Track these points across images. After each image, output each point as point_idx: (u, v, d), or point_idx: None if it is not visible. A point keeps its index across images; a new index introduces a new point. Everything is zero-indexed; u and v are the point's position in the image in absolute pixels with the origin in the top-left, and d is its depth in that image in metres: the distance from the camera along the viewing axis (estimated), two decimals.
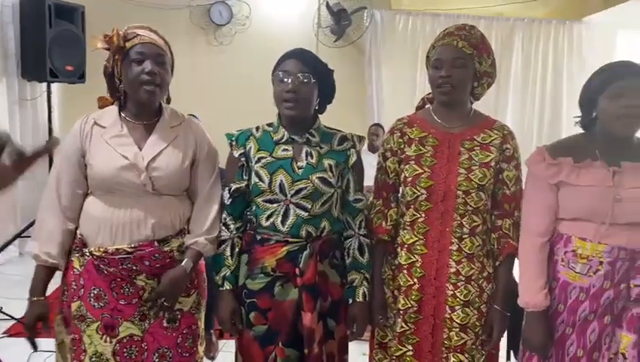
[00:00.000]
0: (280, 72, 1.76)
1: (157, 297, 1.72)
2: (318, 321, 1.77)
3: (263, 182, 1.76)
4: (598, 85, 1.65)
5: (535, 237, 1.74)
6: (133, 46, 1.67)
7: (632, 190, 1.62)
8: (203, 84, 5.15)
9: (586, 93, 1.70)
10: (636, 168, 1.64)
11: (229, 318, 1.80)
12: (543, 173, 1.72)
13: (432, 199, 1.79)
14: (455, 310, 1.79)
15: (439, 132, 1.83)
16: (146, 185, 1.69)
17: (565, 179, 1.69)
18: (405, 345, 1.84)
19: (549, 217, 1.73)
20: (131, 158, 1.68)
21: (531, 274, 1.74)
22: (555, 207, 1.73)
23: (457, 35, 1.76)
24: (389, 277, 1.89)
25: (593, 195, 1.65)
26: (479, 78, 1.80)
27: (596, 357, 1.68)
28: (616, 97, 1.60)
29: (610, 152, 1.67)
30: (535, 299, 1.72)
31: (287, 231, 1.75)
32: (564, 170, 1.70)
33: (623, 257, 1.63)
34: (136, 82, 1.66)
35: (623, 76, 1.60)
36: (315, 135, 1.82)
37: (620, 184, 1.64)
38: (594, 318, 1.67)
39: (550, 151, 1.74)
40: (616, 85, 1.60)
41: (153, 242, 1.70)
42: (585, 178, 1.67)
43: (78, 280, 1.72)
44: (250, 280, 1.80)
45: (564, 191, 1.70)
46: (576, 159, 1.69)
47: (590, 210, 1.66)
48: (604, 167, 1.66)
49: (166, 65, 1.71)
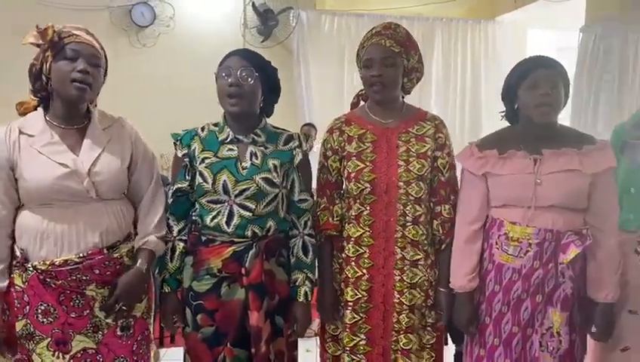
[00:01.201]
0: (223, 68, 1.76)
1: (115, 302, 1.67)
2: (266, 320, 1.78)
3: (207, 182, 1.75)
4: (516, 79, 1.78)
5: (467, 225, 1.86)
6: (69, 43, 1.61)
7: (552, 175, 1.75)
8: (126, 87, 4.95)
9: (506, 88, 1.83)
10: (556, 155, 1.77)
11: (171, 317, 1.81)
12: (472, 166, 1.85)
13: (375, 192, 1.86)
14: (403, 293, 1.87)
15: (376, 128, 1.90)
16: (89, 191, 1.63)
17: (491, 170, 1.81)
18: (358, 335, 1.89)
19: (479, 206, 1.85)
20: (71, 165, 1.62)
21: (458, 259, 1.86)
22: (484, 195, 1.84)
23: (384, 35, 1.84)
24: (336, 270, 1.94)
25: (516, 182, 1.77)
26: (408, 73, 1.89)
27: (530, 333, 1.80)
28: (533, 88, 1.73)
29: (533, 142, 1.79)
30: (462, 282, 1.84)
31: (232, 231, 1.75)
32: (489, 161, 1.82)
33: (550, 238, 1.75)
34: (67, 79, 1.59)
35: (537, 68, 1.74)
36: (261, 135, 1.82)
37: (540, 170, 1.76)
38: (527, 297, 1.79)
39: (478, 146, 1.87)
40: (532, 77, 1.73)
41: (102, 249, 1.65)
42: (508, 167, 1.79)
43: (22, 297, 1.64)
44: (196, 282, 1.78)
45: (491, 180, 1.82)
46: (500, 151, 1.82)
47: (515, 196, 1.78)
48: (525, 155, 1.79)
49: (100, 68, 1.66)
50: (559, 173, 1.74)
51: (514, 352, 1.80)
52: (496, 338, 1.83)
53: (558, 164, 1.76)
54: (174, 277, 1.81)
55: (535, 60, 1.78)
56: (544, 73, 1.73)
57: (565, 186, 1.74)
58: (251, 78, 1.74)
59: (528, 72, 1.75)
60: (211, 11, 5.40)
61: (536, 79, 1.73)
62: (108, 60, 1.73)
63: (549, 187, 1.74)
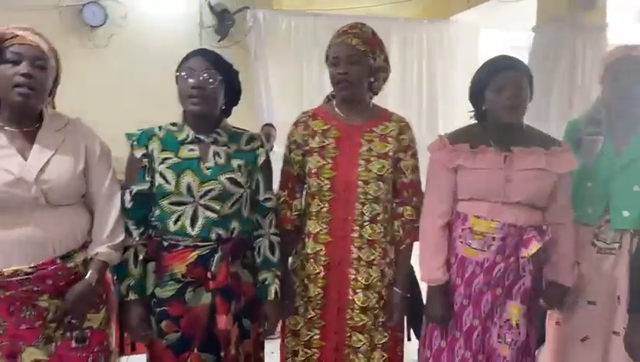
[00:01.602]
0: (184, 69, 1.72)
1: (63, 316, 1.60)
2: (234, 323, 1.76)
3: (169, 183, 1.70)
4: (482, 80, 1.81)
5: (435, 218, 1.88)
6: (11, 46, 1.53)
7: (521, 172, 1.80)
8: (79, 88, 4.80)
9: (474, 89, 1.86)
10: (525, 152, 1.81)
11: (139, 327, 1.74)
12: (443, 158, 1.87)
13: (334, 189, 1.86)
14: (357, 293, 1.88)
15: (341, 124, 1.91)
16: (38, 199, 1.55)
17: (463, 163, 1.83)
18: (312, 330, 1.91)
19: (448, 199, 1.87)
20: (16, 172, 1.53)
21: (431, 252, 1.88)
22: (453, 189, 1.87)
23: (351, 33, 1.85)
24: (299, 266, 1.94)
25: (487, 176, 1.81)
26: (375, 73, 1.90)
27: (489, 326, 1.84)
28: (500, 90, 1.76)
29: (502, 139, 1.83)
30: (434, 275, 1.86)
31: (196, 234, 1.71)
32: (461, 155, 1.84)
33: (513, 233, 1.80)
34: (9, 84, 1.51)
35: (503, 70, 1.77)
36: (223, 134, 1.79)
37: (510, 167, 1.80)
38: (487, 290, 1.83)
39: (449, 139, 1.89)
40: (499, 79, 1.76)
41: (55, 259, 1.58)
42: (480, 161, 1.82)
43: None
44: (160, 289, 1.74)
45: (461, 173, 1.85)
46: (472, 145, 1.84)
47: (484, 190, 1.81)
48: (496, 152, 1.82)
49: (46, 70, 1.57)
50: (529, 171, 1.79)
51: (474, 344, 1.84)
52: (457, 331, 1.86)
53: (528, 162, 1.80)
54: (138, 284, 1.75)
55: (501, 62, 1.81)
56: (510, 75, 1.76)
57: (534, 184, 1.79)
58: (214, 80, 1.71)
59: (495, 74, 1.77)
60: (166, 11, 5.31)
61: (503, 81, 1.76)
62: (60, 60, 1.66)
63: (518, 184, 1.78)
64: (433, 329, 1.93)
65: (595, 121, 1.98)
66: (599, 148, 1.95)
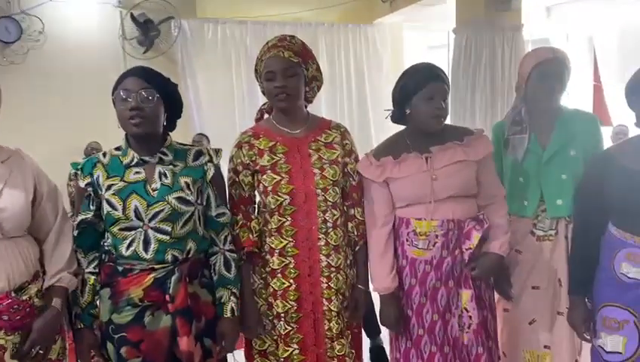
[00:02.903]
0: (121, 90, 1.67)
1: (32, 347, 1.53)
2: (196, 343, 1.73)
3: (116, 209, 1.66)
4: (411, 87, 1.87)
5: (377, 229, 1.95)
6: None
7: (443, 169, 1.89)
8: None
9: (399, 92, 1.92)
10: (443, 150, 1.91)
11: (88, 354, 1.72)
12: (372, 174, 1.94)
13: (295, 202, 1.87)
14: (332, 300, 1.90)
15: (285, 138, 1.92)
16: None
17: (390, 175, 1.91)
18: (290, 345, 1.89)
19: (386, 210, 1.95)
20: None
21: (378, 262, 1.94)
22: (388, 200, 1.95)
23: (282, 46, 1.86)
24: (260, 285, 1.93)
25: (413, 182, 1.89)
26: (309, 82, 1.93)
27: (448, 318, 1.93)
28: (429, 99, 1.84)
29: (421, 143, 1.92)
30: (384, 283, 1.93)
31: (151, 258, 1.67)
32: (387, 167, 1.92)
33: (452, 227, 1.89)
34: None
35: (432, 80, 1.85)
36: (168, 153, 1.76)
37: (432, 166, 1.89)
38: (440, 285, 1.91)
39: (374, 155, 1.97)
40: (428, 89, 1.84)
41: (9, 293, 1.51)
42: (405, 169, 1.91)
43: None
44: (117, 314, 1.69)
45: (392, 185, 1.93)
46: (395, 156, 1.92)
47: (416, 194, 1.90)
48: (417, 156, 1.91)
49: None
50: (449, 165, 1.89)
51: (438, 338, 1.92)
52: (420, 329, 1.93)
53: (447, 157, 1.90)
54: (87, 312, 1.70)
55: (430, 72, 1.88)
56: (439, 86, 1.85)
57: (457, 177, 1.89)
58: (152, 98, 1.67)
59: (425, 84, 1.84)
60: (85, 23, 5.07)
61: (433, 91, 1.84)
62: None
63: (443, 180, 1.87)
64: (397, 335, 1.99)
65: (516, 121, 2.12)
66: (525, 145, 2.09)
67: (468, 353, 1.92)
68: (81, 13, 5.07)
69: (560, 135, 2.06)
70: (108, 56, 5.05)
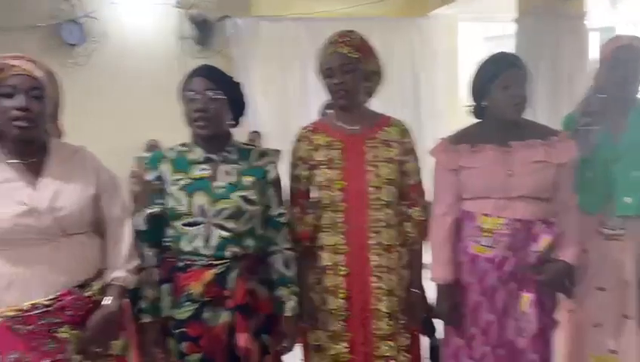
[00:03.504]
0: (187, 91, 1.71)
1: (87, 346, 1.58)
2: (254, 340, 1.75)
3: (182, 204, 1.69)
4: (487, 77, 1.82)
5: (443, 217, 1.90)
6: (5, 79, 1.50)
7: (521, 166, 1.82)
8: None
9: (476, 85, 1.88)
10: (523, 146, 1.84)
11: (154, 349, 1.73)
12: (445, 160, 1.89)
13: (347, 199, 1.86)
14: (382, 300, 1.88)
15: (343, 135, 1.91)
16: (52, 228, 1.54)
17: (464, 163, 1.86)
18: (339, 343, 1.89)
19: (453, 199, 1.89)
20: (28, 202, 1.52)
21: (440, 252, 1.90)
22: (457, 189, 1.89)
23: (341, 42, 1.85)
24: (315, 281, 1.93)
25: (488, 174, 1.83)
26: (369, 77, 1.90)
27: (505, 320, 1.86)
28: (506, 88, 1.78)
29: (501, 135, 1.85)
30: (443, 274, 1.89)
31: (211, 253, 1.70)
32: (462, 155, 1.87)
33: (520, 227, 1.82)
34: (7, 118, 1.49)
35: (509, 68, 1.79)
36: (232, 152, 1.79)
37: (510, 162, 1.82)
38: (501, 285, 1.85)
39: (450, 141, 1.92)
40: (504, 77, 1.78)
41: (73, 289, 1.56)
42: (480, 160, 1.84)
43: None
44: (177, 310, 1.72)
45: (463, 173, 1.87)
46: (472, 145, 1.87)
47: (487, 187, 1.83)
48: (495, 148, 1.85)
49: (43, 100, 1.54)
50: (528, 164, 1.81)
51: (492, 339, 1.86)
52: (474, 328, 1.88)
53: (527, 155, 1.82)
54: (153, 306, 1.74)
55: (505, 60, 1.83)
56: (517, 73, 1.79)
57: (535, 177, 1.81)
58: (218, 99, 1.71)
59: (500, 72, 1.79)
60: (144, 24, 5.25)
61: (509, 79, 1.78)
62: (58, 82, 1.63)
63: (519, 178, 1.80)
64: (451, 327, 1.95)
65: (587, 112, 2.02)
66: (595, 138, 1.99)
67: (522, 359, 1.85)
68: (140, 14, 5.25)
69: (634, 129, 1.95)
70: (165, 55, 5.20)
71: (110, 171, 1.73)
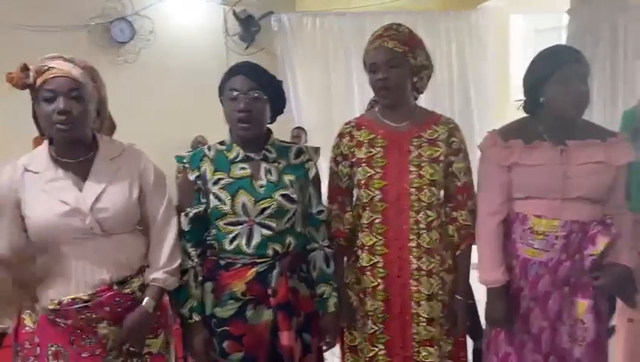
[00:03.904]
0: (229, 90, 1.69)
1: (122, 344, 1.59)
2: (296, 338, 1.73)
3: (225, 204, 1.68)
4: (544, 72, 1.72)
5: (491, 217, 1.81)
6: (44, 82, 1.51)
7: (579, 166, 1.72)
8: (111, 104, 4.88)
9: (530, 80, 1.78)
10: (581, 146, 1.74)
11: (204, 350, 1.72)
12: (496, 155, 1.79)
13: (386, 199, 1.81)
14: (421, 305, 1.82)
15: (387, 132, 1.85)
16: (93, 229, 1.55)
17: (517, 160, 1.76)
18: (377, 345, 1.85)
19: (502, 197, 1.80)
20: (72, 203, 1.54)
21: (489, 253, 1.81)
22: (508, 187, 1.80)
23: (387, 36, 1.78)
24: (353, 280, 1.89)
25: (544, 173, 1.73)
26: (417, 72, 1.83)
27: (558, 326, 1.78)
28: (565, 83, 1.68)
29: (557, 133, 1.76)
30: (494, 276, 1.79)
31: (252, 252, 1.69)
32: (515, 151, 1.77)
33: (576, 230, 1.73)
34: (50, 121, 1.51)
35: (568, 62, 1.69)
36: (272, 150, 1.77)
37: (567, 161, 1.73)
38: (554, 290, 1.76)
39: (501, 135, 1.81)
40: (563, 72, 1.68)
41: (112, 286, 1.57)
42: (535, 157, 1.75)
43: (32, 338, 1.58)
44: (219, 308, 1.72)
45: (517, 171, 1.77)
46: (525, 141, 1.77)
47: (543, 187, 1.74)
48: (552, 146, 1.75)
49: (84, 99, 1.54)
50: (587, 164, 1.72)
51: (544, 346, 1.78)
52: (525, 334, 1.80)
53: (585, 155, 1.73)
54: (200, 305, 1.73)
55: (567, 53, 1.73)
56: (578, 68, 1.69)
57: (594, 178, 1.72)
58: (260, 100, 1.69)
59: (561, 66, 1.69)
60: (191, 21, 5.32)
61: (570, 74, 1.68)
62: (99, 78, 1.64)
63: (577, 179, 1.71)
64: (498, 333, 1.87)
65: None
66: None
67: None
68: (187, 12, 5.32)
69: None
70: (212, 52, 5.25)
71: (157, 169, 1.73)
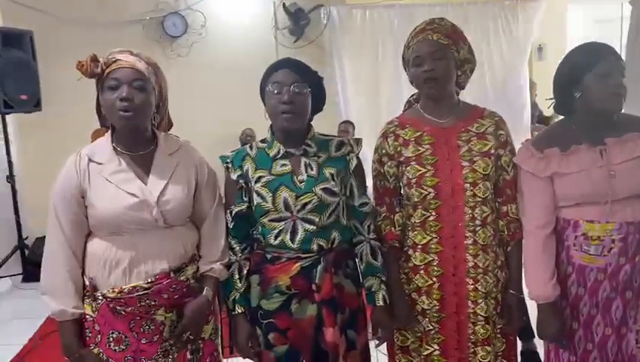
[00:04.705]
0: (272, 83, 1.69)
1: (183, 331, 1.65)
2: (341, 335, 1.72)
3: (266, 201, 1.70)
4: (582, 65, 1.67)
5: (537, 230, 1.75)
6: (110, 72, 1.58)
7: (623, 164, 1.66)
8: None
9: (567, 74, 1.71)
10: (620, 142, 1.67)
11: (247, 342, 1.75)
12: (535, 168, 1.74)
13: (440, 196, 1.77)
14: (478, 303, 1.78)
15: (433, 128, 1.81)
16: (158, 221, 1.62)
17: (558, 169, 1.71)
18: (431, 345, 1.82)
19: (547, 210, 1.75)
20: (140, 195, 1.60)
21: (538, 268, 1.75)
22: (551, 198, 1.74)
23: (430, 30, 1.75)
24: (403, 280, 1.86)
25: (587, 178, 1.67)
26: (460, 66, 1.79)
27: (624, 332, 1.71)
28: (605, 77, 1.63)
29: (592, 133, 1.70)
30: (545, 292, 1.74)
31: (297, 247, 1.69)
32: (553, 161, 1.71)
33: (633, 231, 1.66)
34: (113, 109, 1.57)
35: (607, 56, 1.64)
36: (312, 145, 1.76)
37: (610, 161, 1.66)
38: (616, 296, 1.70)
39: (536, 146, 1.76)
40: (603, 65, 1.63)
41: (169, 274, 1.63)
42: (576, 163, 1.69)
43: (92, 326, 1.63)
44: (265, 301, 1.74)
45: (559, 181, 1.72)
46: (562, 148, 1.71)
47: (590, 193, 1.68)
48: (590, 148, 1.69)
49: (146, 90, 1.60)
50: (630, 161, 1.66)
51: (610, 354, 1.71)
52: (590, 343, 1.74)
53: (626, 151, 1.66)
54: (244, 297, 1.76)
55: (602, 47, 1.67)
56: (615, 62, 1.64)
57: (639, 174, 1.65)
58: (303, 93, 1.68)
59: (598, 60, 1.64)
60: (242, 15, 5.39)
61: (609, 68, 1.63)
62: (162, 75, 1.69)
63: (623, 178, 1.64)
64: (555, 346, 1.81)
65: None
66: None
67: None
68: (238, 6, 5.39)
69: None
70: (262, 46, 5.30)
71: (209, 167, 1.79)
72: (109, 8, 5.07)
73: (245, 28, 5.38)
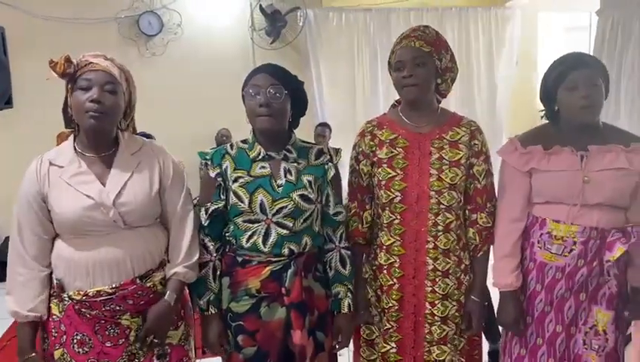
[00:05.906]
0: (251, 87, 1.72)
1: (146, 335, 1.64)
2: (309, 337, 1.75)
3: (243, 202, 1.71)
4: (554, 79, 1.73)
5: (509, 222, 1.82)
6: (83, 73, 1.58)
7: (599, 172, 1.71)
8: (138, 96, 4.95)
9: (544, 88, 1.78)
10: (602, 151, 1.73)
11: (218, 342, 1.77)
12: (516, 161, 1.80)
13: (406, 201, 1.81)
14: (435, 304, 1.83)
15: (409, 133, 1.85)
16: (117, 222, 1.60)
17: (537, 166, 1.77)
18: (389, 343, 1.87)
19: (522, 203, 1.81)
20: (96, 197, 1.59)
21: (506, 258, 1.82)
22: (528, 193, 1.81)
23: (414, 36, 1.79)
24: (371, 277, 1.91)
25: (564, 178, 1.73)
26: (441, 74, 1.83)
27: (573, 332, 1.78)
28: (572, 90, 1.69)
29: (577, 138, 1.75)
30: (507, 280, 1.82)
31: (268, 250, 1.72)
32: (535, 157, 1.77)
33: (595, 236, 1.72)
34: (82, 109, 1.56)
35: (575, 68, 1.69)
36: (292, 150, 1.79)
37: (587, 167, 1.72)
38: (570, 295, 1.77)
39: (521, 141, 1.82)
40: (571, 78, 1.69)
41: (135, 279, 1.62)
42: (555, 163, 1.75)
43: (59, 326, 1.62)
44: (235, 303, 1.75)
45: (536, 177, 1.78)
46: (545, 146, 1.77)
47: (562, 193, 1.74)
48: (572, 152, 1.74)
49: (117, 94, 1.60)
50: (607, 170, 1.71)
51: (557, 351, 1.79)
52: (539, 338, 1.81)
53: (606, 161, 1.72)
54: (217, 298, 1.77)
55: (573, 60, 1.73)
56: (583, 74, 1.69)
57: (614, 185, 1.70)
58: (281, 96, 1.70)
59: (566, 74, 1.70)
60: (218, 16, 5.37)
61: (576, 80, 1.69)
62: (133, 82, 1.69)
63: (596, 185, 1.70)
64: (513, 336, 1.88)
65: None
66: None
67: None
68: (214, 6, 5.36)
69: None
70: (238, 46, 5.30)
71: (176, 164, 1.76)
72: (83, 6, 4.99)
73: (221, 28, 5.36)
